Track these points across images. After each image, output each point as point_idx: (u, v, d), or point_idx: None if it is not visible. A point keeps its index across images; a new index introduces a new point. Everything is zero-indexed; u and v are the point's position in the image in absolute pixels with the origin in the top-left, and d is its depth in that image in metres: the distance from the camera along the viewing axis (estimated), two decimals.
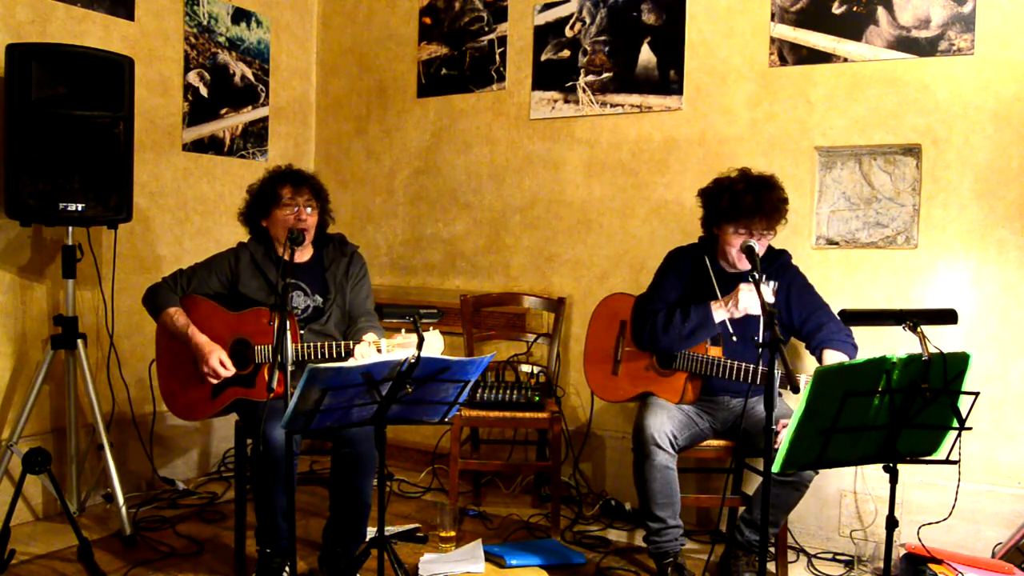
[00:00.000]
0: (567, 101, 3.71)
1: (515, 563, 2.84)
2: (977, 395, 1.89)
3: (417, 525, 3.20)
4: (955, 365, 1.84)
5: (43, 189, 2.85)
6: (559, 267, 3.78)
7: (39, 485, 3.14)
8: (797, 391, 1.95)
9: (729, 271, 2.82)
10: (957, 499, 2.36)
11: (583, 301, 3.68)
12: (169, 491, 3.54)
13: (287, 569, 2.54)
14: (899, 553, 2.73)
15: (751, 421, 2.73)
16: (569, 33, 3.69)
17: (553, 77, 3.74)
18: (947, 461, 1.93)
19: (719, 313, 2.68)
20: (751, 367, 2.58)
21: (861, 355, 2.63)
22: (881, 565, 2.32)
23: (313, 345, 2.59)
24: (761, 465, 2.46)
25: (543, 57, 3.76)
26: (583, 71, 3.66)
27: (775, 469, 1.87)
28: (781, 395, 2.81)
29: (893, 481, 1.98)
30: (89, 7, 3.29)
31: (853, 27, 3.07)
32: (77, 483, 3.20)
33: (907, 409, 1.86)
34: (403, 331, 2.36)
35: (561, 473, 3.31)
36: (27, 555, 2.81)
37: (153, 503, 3.38)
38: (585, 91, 3.66)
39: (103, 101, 2.95)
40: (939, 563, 2.58)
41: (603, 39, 3.61)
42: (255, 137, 4.11)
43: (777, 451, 1.86)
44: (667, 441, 2.63)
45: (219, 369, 2.65)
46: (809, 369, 2.89)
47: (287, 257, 2.47)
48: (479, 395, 3.21)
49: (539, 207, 3.82)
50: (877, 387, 1.81)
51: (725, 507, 2.83)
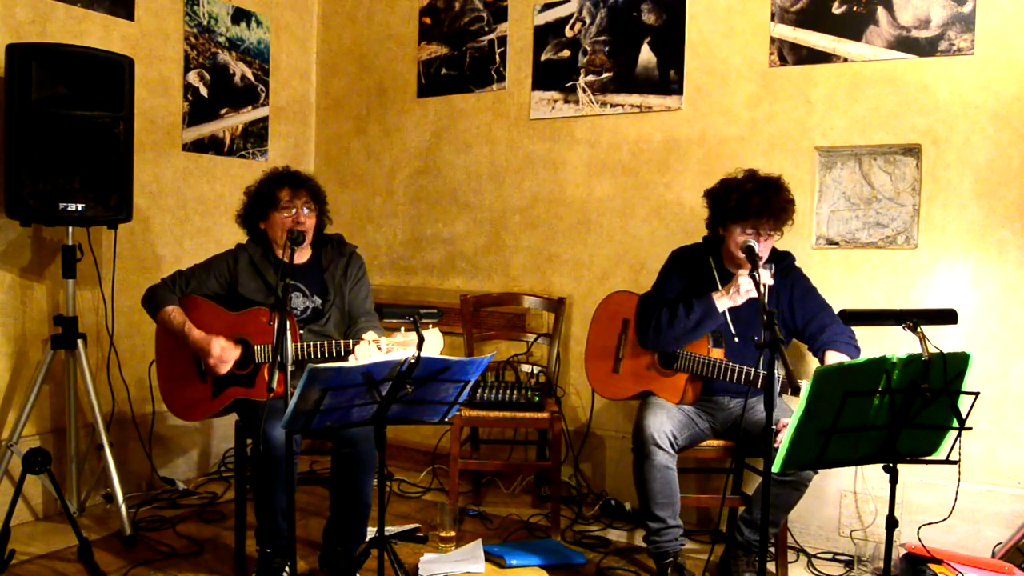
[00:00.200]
0: (567, 101, 3.71)
1: (515, 563, 2.84)
2: (977, 395, 1.89)
3: (417, 525, 3.20)
4: (955, 365, 1.84)
5: (43, 189, 2.86)
6: (559, 267, 3.78)
7: (39, 485, 3.14)
8: (798, 394, 1.95)
9: (733, 272, 2.81)
10: (957, 499, 2.36)
11: (583, 301, 3.68)
12: (169, 491, 3.54)
13: (287, 569, 2.54)
14: (899, 553, 2.73)
15: (751, 421, 2.74)
16: (569, 33, 3.69)
17: (553, 77, 3.74)
18: (947, 461, 1.93)
19: (722, 302, 2.68)
20: (752, 370, 2.58)
21: (862, 355, 2.63)
22: (881, 565, 2.32)
23: (313, 344, 2.59)
24: (761, 465, 2.46)
25: (543, 57, 3.76)
26: (583, 71, 3.66)
27: (775, 469, 1.87)
28: (781, 396, 2.81)
29: (893, 481, 1.98)
30: (89, 7, 3.29)
31: (853, 27, 3.07)
32: (77, 483, 3.20)
33: (907, 409, 1.86)
34: (402, 329, 2.36)
35: (561, 473, 3.31)
36: (27, 555, 2.82)
37: (153, 503, 3.38)
38: (585, 91, 3.66)
39: (103, 101, 2.95)
40: (939, 563, 2.58)
41: (603, 39, 3.61)
42: (255, 137, 4.11)
43: (777, 451, 1.86)
44: (667, 441, 2.63)
45: (224, 354, 2.65)
46: (811, 371, 2.88)
47: (287, 259, 2.47)
48: (479, 395, 3.21)
49: (539, 207, 3.82)
50: (877, 387, 1.81)
51: (725, 507, 2.83)
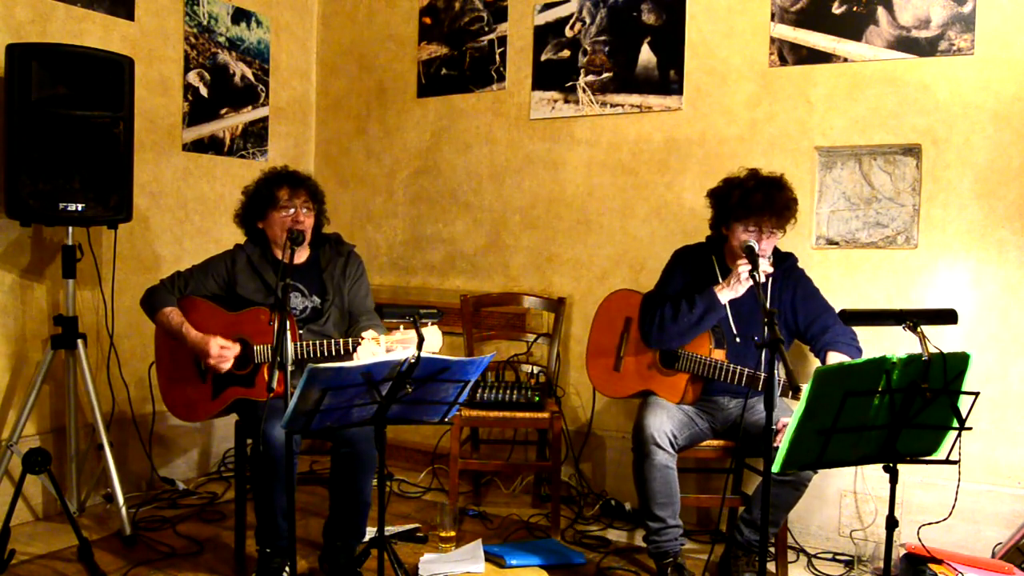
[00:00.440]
0: (567, 101, 3.71)
1: (515, 563, 2.84)
2: (977, 395, 1.89)
3: (417, 525, 3.20)
4: (955, 365, 1.84)
5: (43, 189, 2.86)
6: (559, 267, 3.77)
7: (39, 485, 3.14)
8: (798, 397, 1.95)
9: None
10: (957, 499, 2.36)
11: (583, 301, 3.68)
12: (169, 491, 3.54)
13: (287, 569, 2.54)
14: (899, 553, 2.73)
15: (750, 421, 2.74)
16: (569, 33, 3.69)
17: (553, 77, 3.74)
18: (947, 461, 1.93)
19: (723, 294, 2.68)
20: (752, 372, 2.57)
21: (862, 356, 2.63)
22: (881, 565, 2.32)
23: (313, 344, 2.59)
24: (761, 465, 2.46)
25: (543, 57, 3.76)
26: (583, 71, 3.66)
27: (775, 469, 1.87)
28: (782, 398, 2.81)
29: (893, 481, 1.98)
30: (89, 7, 3.29)
31: (853, 27, 3.07)
32: (77, 483, 3.20)
33: (907, 409, 1.86)
34: (402, 328, 2.37)
35: (561, 473, 3.31)
36: (27, 555, 2.82)
37: (153, 503, 3.38)
38: (585, 91, 3.66)
39: (103, 101, 2.95)
40: (939, 563, 2.58)
41: (603, 39, 3.61)
42: (255, 137, 4.11)
43: (777, 451, 1.86)
44: (667, 441, 2.63)
45: (224, 353, 2.64)
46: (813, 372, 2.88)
47: (286, 259, 2.46)
48: (479, 395, 3.21)
49: (539, 207, 3.82)
50: (877, 387, 1.81)
51: (725, 507, 2.83)
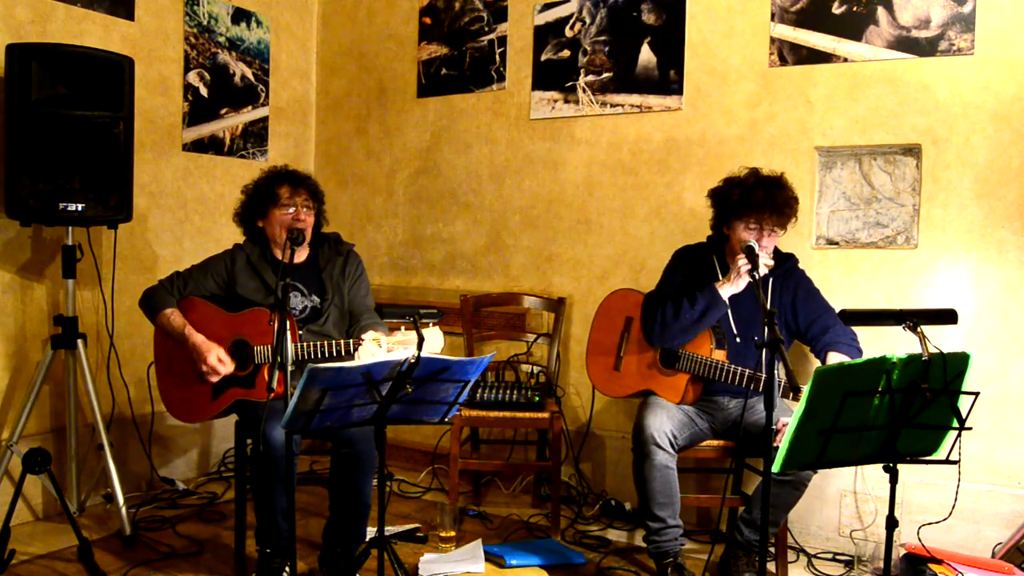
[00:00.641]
0: (567, 101, 3.71)
1: (515, 563, 2.84)
2: (977, 395, 1.89)
3: (417, 525, 3.20)
4: (955, 365, 1.84)
5: (43, 189, 2.85)
6: (559, 267, 3.77)
7: (39, 485, 3.14)
8: (799, 398, 1.95)
9: None
10: (957, 499, 2.36)
11: (583, 301, 3.68)
12: (169, 491, 3.54)
13: (287, 569, 2.54)
14: (899, 553, 2.73)
15: (750, 421, 2.74)
16: (569, 33, 3.69)
17: (553, 77, 3.74)
18: (947, 461, 1.93)
19: (725, 290, 2.68)
20: (753, 373, 2.57)
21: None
22: (881, 565, 2.32)
23: (313, 344, 2.59)
24: (761, 465, 2.46)
25: (543, 57, 3.76)
26: (583, 71, 3.66)
27: (775, 469, 1.87)
28: (782, 399, 2.81)
29: (893, 481, 1.98)
30: (89, 7, 3.29)
31: (853, 27, 3.07)
32: (77, 483, 3.20)
33: (907, 409, 1.86)
34: (403, 328, 2.36)
35: (561, 473, 3.31)
36: (27, 555, 2.81)
37: (153, 503, 3.38)
38: (585, 91, 3.66)
39: (103, 101, 2.94)
40: (939, 563, 2.58)
41: (603, 39, 3.61)
42: (255, 137, 4.11)
43: (777, 451, 1.86)
44: (667, 441, 2.63)
45: (217, 366, 2.64)
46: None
47: (286, 259, 2.46)
48: (479, 395, 3.21)
49: (539, 207, 3.82)
50: (877, 387, 1.81)
51: (725, 507, 2.83)
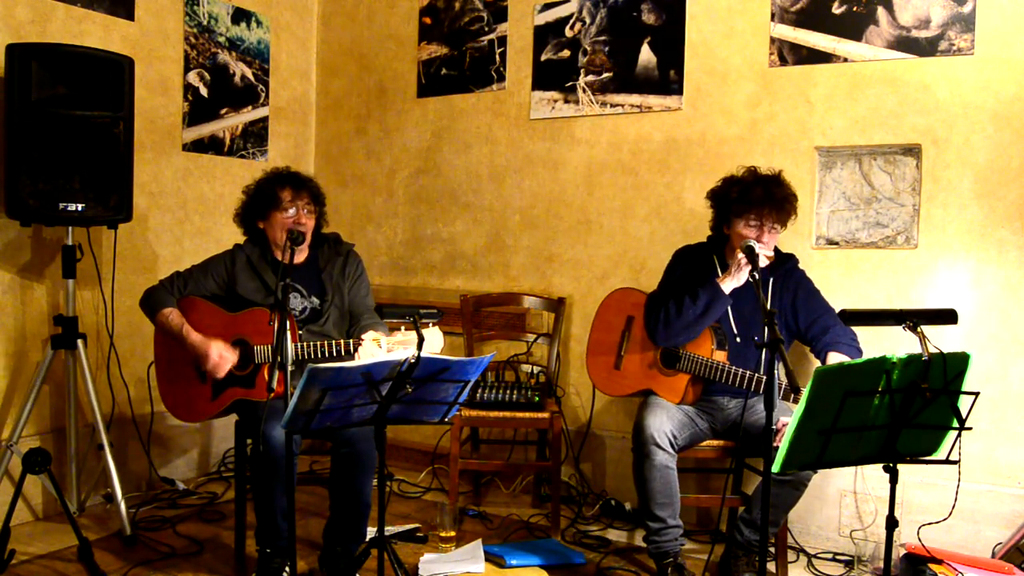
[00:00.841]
0: (567, 101, 3.71)
1: (515, 563, 2.84)
2: (977, 395, 1.89)
3: (417, 525, 3.20)
4: (955, 365, 1.84)
5: (43, 189, 2.85)
6: (559, 267, 3.77)
7: (39, 485, 3.14)
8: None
9: None
10: (957, 499, 2.36)
11: (583, 301, 3.68)
12: (169, 491, 3.54)
13: (287, 569, 2.54)
14: (899, 553, 2.73)
15: (750, 421, 2.74)
16: (569, 33, 3.69)
17: (553, 77, 3.74)
18: (947, 461, 1.93)
19: (727, 284, 2.68)
20: (753, 375, 2.57)
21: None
22: (881, 565, 2.32)
23: (314, 344, 2.59)
24: (761, 465, 2.46)
25: (543, 57, 3.76)
26: (583, 71, 3.66)
27: (775, 469, 1.87)
28: (783, 401, 2.81)
29: (893, 481, 1.98)
30: (89, 7, 3.29)
31: (853, 27, 3.07)
32: (77, 483, 3.20)
33: (907, 409, 1.86)
34: (403, 328, 2.36)
35: (561, 473, 3.31)
36: (27, 555, 2.81)
37: (153, 503, 3.38)
38: (585, 91, 3.66)
39: (103, 101, 2.94)
40: (939, 563, 2.58)
41: (603, 39, 3.61)
42: (255, 137, 4.11)
43: (777, 451, 1.86)
44: (667, 441, 2.63)
45: (222, 362, 2.65)
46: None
47: (286, 259, 2.46)
48: (479, 395, 3.20)
49: (539, 207, 3.82)
50: (877, 387, 1.81)
51: (725, 507, 2.83)
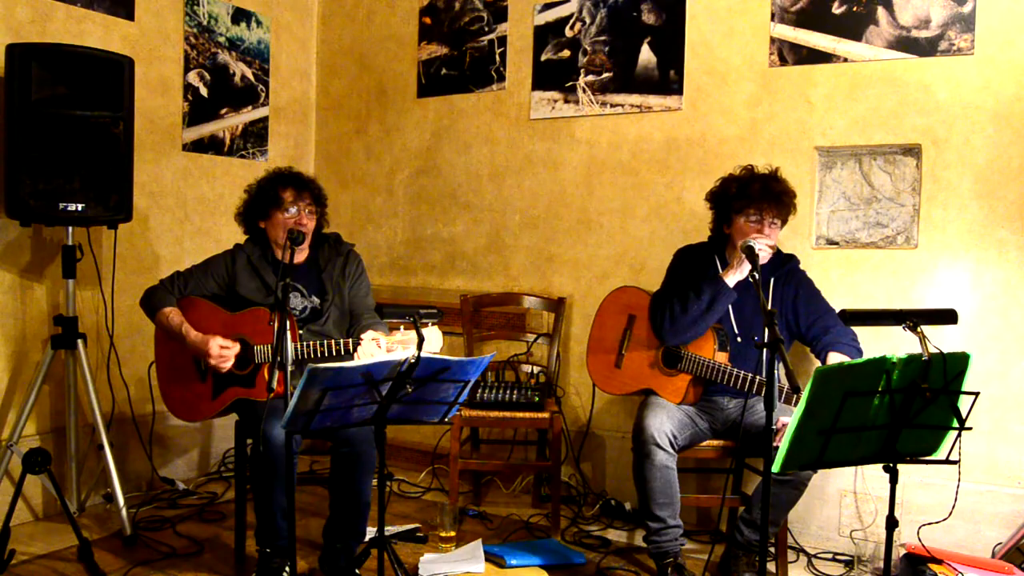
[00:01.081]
0: (567, 101, 3.71)
1: (515, 563, 2.84)
2: (977, 395, 1.89)
3: (417, 525, 3.20)
4: (955, 365, 1.84)
5: (43, 189, 2.85)
6: (559, 267, 3.77)
7: (39, 485, 3.14)
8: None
9: None
10: (957, 499, 2.36)
11: (583, 301, 3.68)
12: (169, 491, 3.54)
13: (287, 569, 2.54)
14: (899, 553, 2.73)
15: (750, 421, 2.74)
16: (569, 33, 3.69)
17: (553, 77, 3.74)
18: (947, 461, 1.93)
19: (730, 278, 2.69)
20: (755, 376, 2.57)
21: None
22: (881, 565, 2.32)
23: (313, 344, 2.59)
24: (761, 465, 2.46)
25: (543, 57, 3.76)
26: (583, 71, 3.66)
27: (775, 469, 1.87)
28: (783, 404, 2.81)
29: (893, 481, 1.98)
30: (89, 7, 3.29)
31: (853, 27, 3.07)
32: (77, 483, 3.20)
33: (907, 409, 1.86)
34: (402, 328, 2.36)
35: (561, 473, 3.31)
36: (27, 555, 2.81)
37: (153, 503, 3.38)
38: (585, 91, 3.66)
39: (103, 101, 2.95)
40: (939, 563, 2.58)
41: (603, 39, 3.61)
42: (255, 137, 4.11)
43: (777, 451, 1.86)
44: (667, 441, 2.63)
45: (224, 353, 2.64)
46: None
47: (286, 259, 2.46)
48: (479, 395, 3.21)
49: (539, 207, 3.82)
50: (877, 387, 1.81)
51: (725, 507, 2.83)
